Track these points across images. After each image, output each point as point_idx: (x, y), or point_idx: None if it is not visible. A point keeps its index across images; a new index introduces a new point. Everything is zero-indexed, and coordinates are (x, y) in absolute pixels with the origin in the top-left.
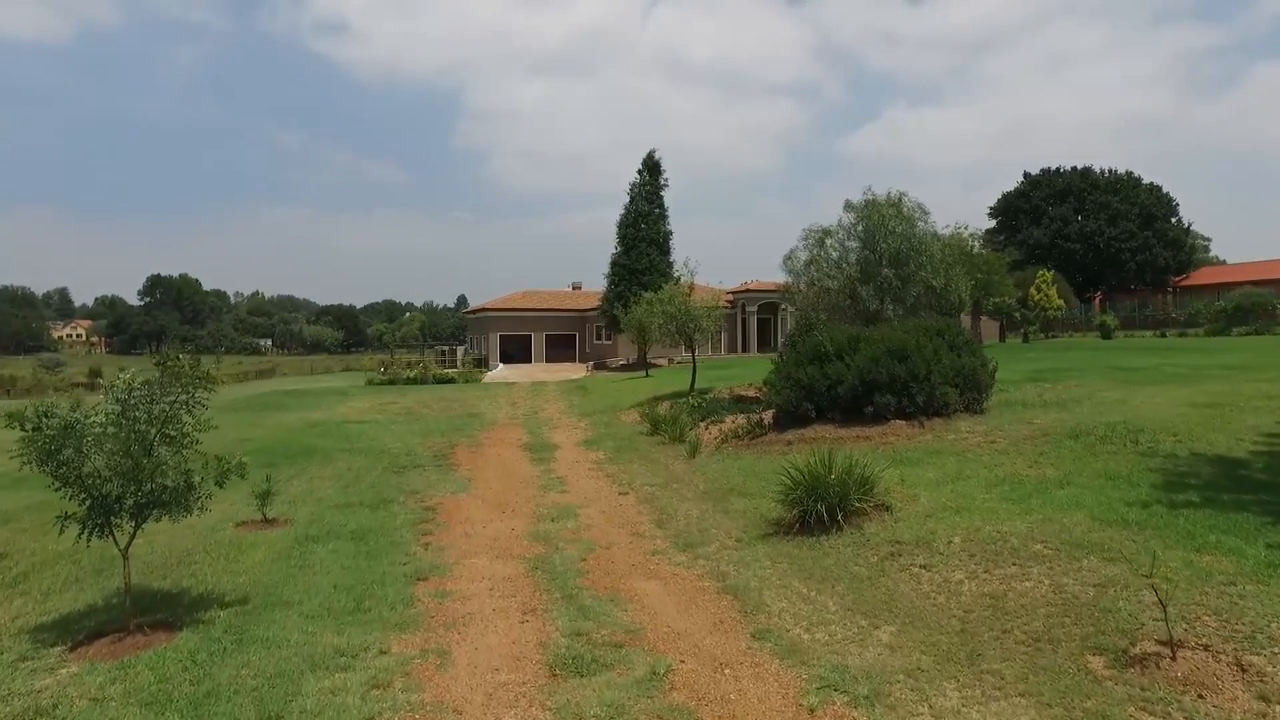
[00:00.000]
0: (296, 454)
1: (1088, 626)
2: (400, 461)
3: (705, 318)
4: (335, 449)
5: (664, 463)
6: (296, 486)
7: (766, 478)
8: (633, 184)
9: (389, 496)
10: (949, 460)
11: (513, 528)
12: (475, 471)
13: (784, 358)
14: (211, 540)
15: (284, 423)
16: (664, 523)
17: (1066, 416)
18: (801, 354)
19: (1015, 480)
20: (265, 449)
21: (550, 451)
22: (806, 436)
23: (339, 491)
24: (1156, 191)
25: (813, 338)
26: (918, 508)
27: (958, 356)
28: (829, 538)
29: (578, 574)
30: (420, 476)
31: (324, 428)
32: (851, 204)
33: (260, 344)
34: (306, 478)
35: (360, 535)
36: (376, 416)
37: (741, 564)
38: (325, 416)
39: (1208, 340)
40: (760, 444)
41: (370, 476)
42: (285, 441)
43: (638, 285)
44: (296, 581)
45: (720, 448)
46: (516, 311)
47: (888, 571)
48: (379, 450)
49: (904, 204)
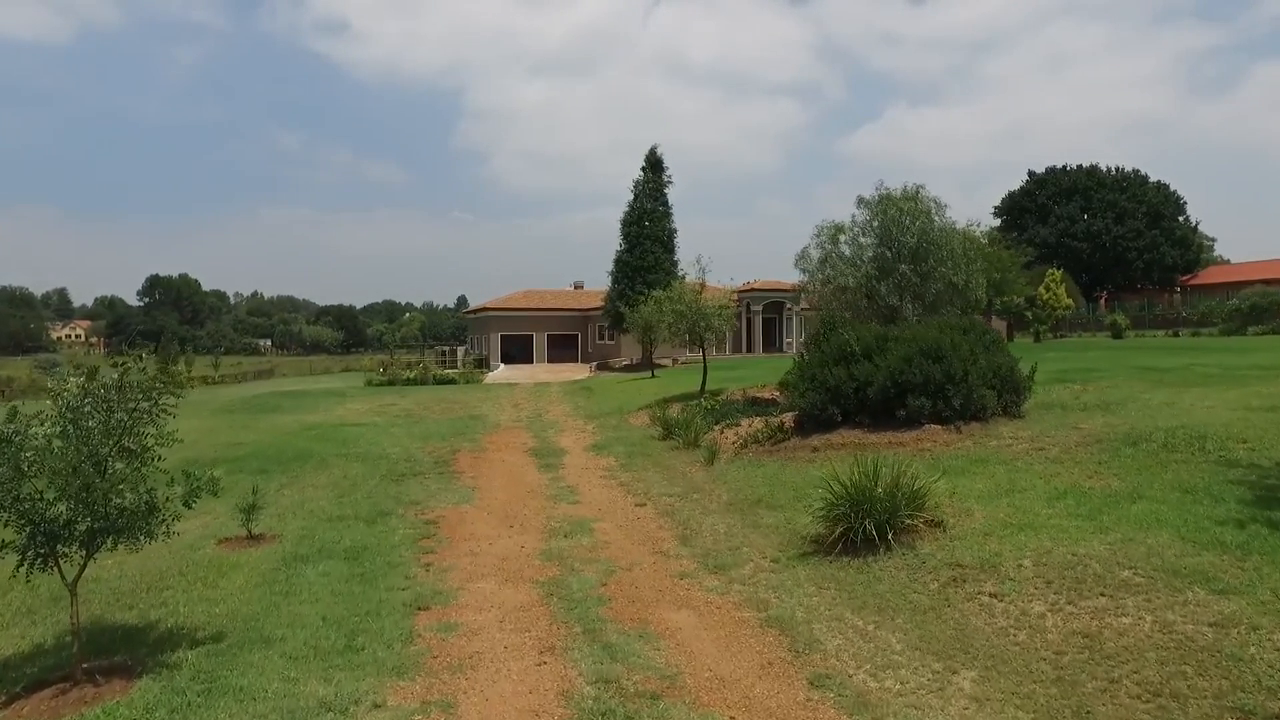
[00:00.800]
0: (290, 459)
1: (1218, 679)
2: (399, 468)
3: (717, 317)
4: (331, 454)
5: (680, 470)
6: (288, 496)
7: (796, 488)
8: (636, 181)
9: (387, 508)
10: (998, 470)
11: (522, 545)
12: (479, 479)
13: (806, 358)
14: (189, 561)
15: (279, 425)
16: (689, 539)
17: (1115, 421)
18: (826, 354)
19: (1078, 493)
20: (258, 454)
21: (558, 457)
22: (833, 442)
23: (333, 502)
24: (1164, 190)
25: (838, 337)
26: (973, 524)
27: (991, 357)
28: (878, 559)
29: (599, 601)
30: (420, 485)
31: (320, 431)
32: (865, 199)
33: (260, 344)
34: (299, 486)
35: (354, 554)
36: (375, 419)
37: (783, 589)
38: (322, 419)
39: (1227, 340)
40: (783, 450)
41: (367, 485)
42: (279, 446)
43: (642, 284)
44: (280, 612)
45: (739, 454)
46: (518, 311)
47: (953, 601)
48: (377, 455)
49: (921, 197)
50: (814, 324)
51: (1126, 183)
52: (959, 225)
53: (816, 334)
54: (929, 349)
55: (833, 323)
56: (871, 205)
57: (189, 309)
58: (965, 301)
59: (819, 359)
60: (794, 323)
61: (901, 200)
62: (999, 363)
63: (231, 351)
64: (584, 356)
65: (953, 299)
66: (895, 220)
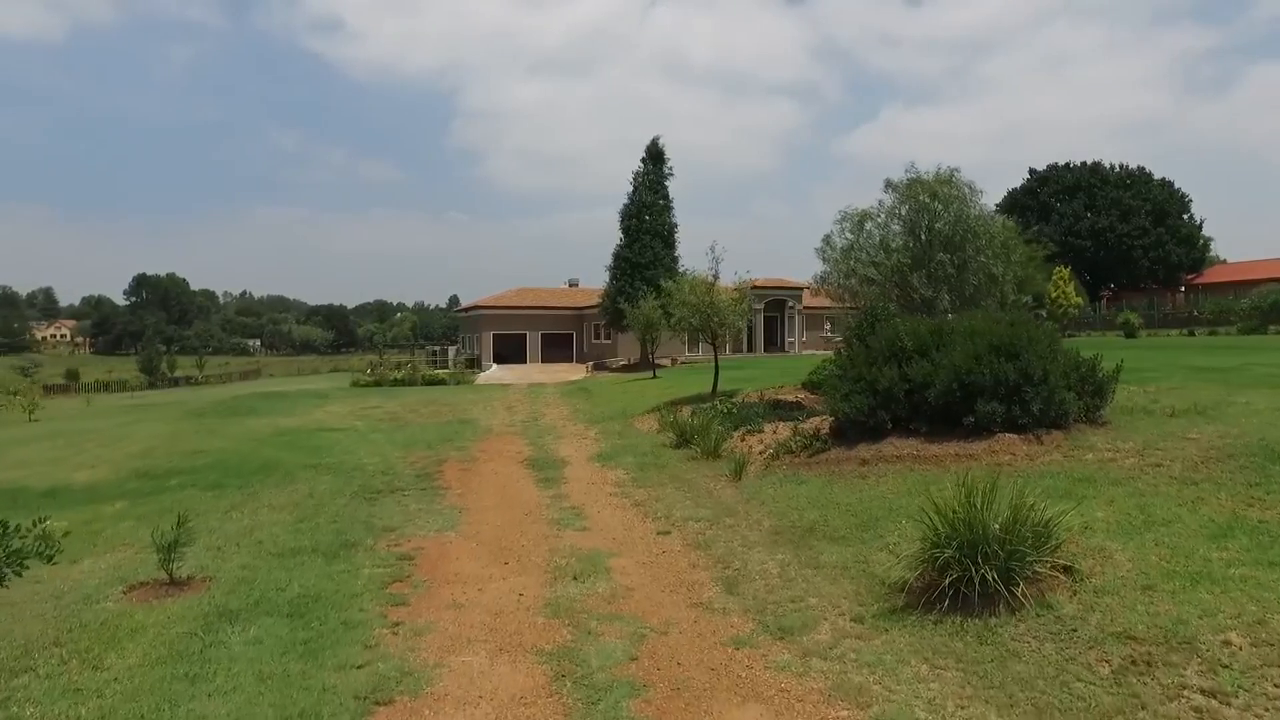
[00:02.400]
0: (252, 471)
1: None
2: (375, 483)
3: (732, 312)
4: (300, 465)
5: (704, 486)
6: (236, 521)
7: (855, 511)
8: (635, 173)
9: (354, 537)
10: (1115, 493)
11: (521, 592)
12: (467, 497)
13: (847, 355)
14: (77, 621)
15: (249, 431)
16: (734, 584)
17: (1229, 429)
18: (875, 351)
19: (1247, 528)
20: (219, 463)
21: (558, 469)
22: (885, 454)
23: (289, 529)
24: (1168, 187)
25: (888, 330)
26: (1120, 572)
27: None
28: (1002, 620)
29: (629, 689)
30: (397, 505)
31: (293, 437)
32: (893, 182)
33: (249, 345)
34: (253, 507)
35: (302, 608)
36: (355, 423)
37: (882, 668)
38: (297, 423)
39: (1251, 339)
40: (824, 462)
41: (334, 505)
42: (244, 454)
43: (641, 280)
44: (174, 715)
45: (771, 466)
46: (511, 309)
47: (1147, 702)
48: (352, 467)
49: (955, 181)
50: (842, 321)
51: (1131, 180)
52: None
53: (858, 327)
54: (1001, 344)
55: (877, 315)
56: (901, 189)
57: (177, 309)
58: (1002, 294)
59: (864, 356)
60: (797, 321)
61: (936, 183)
62: (1078, 360)
63: (220, 352)
64: (579, 356)
65: (990, 291)
66: (927, 206)
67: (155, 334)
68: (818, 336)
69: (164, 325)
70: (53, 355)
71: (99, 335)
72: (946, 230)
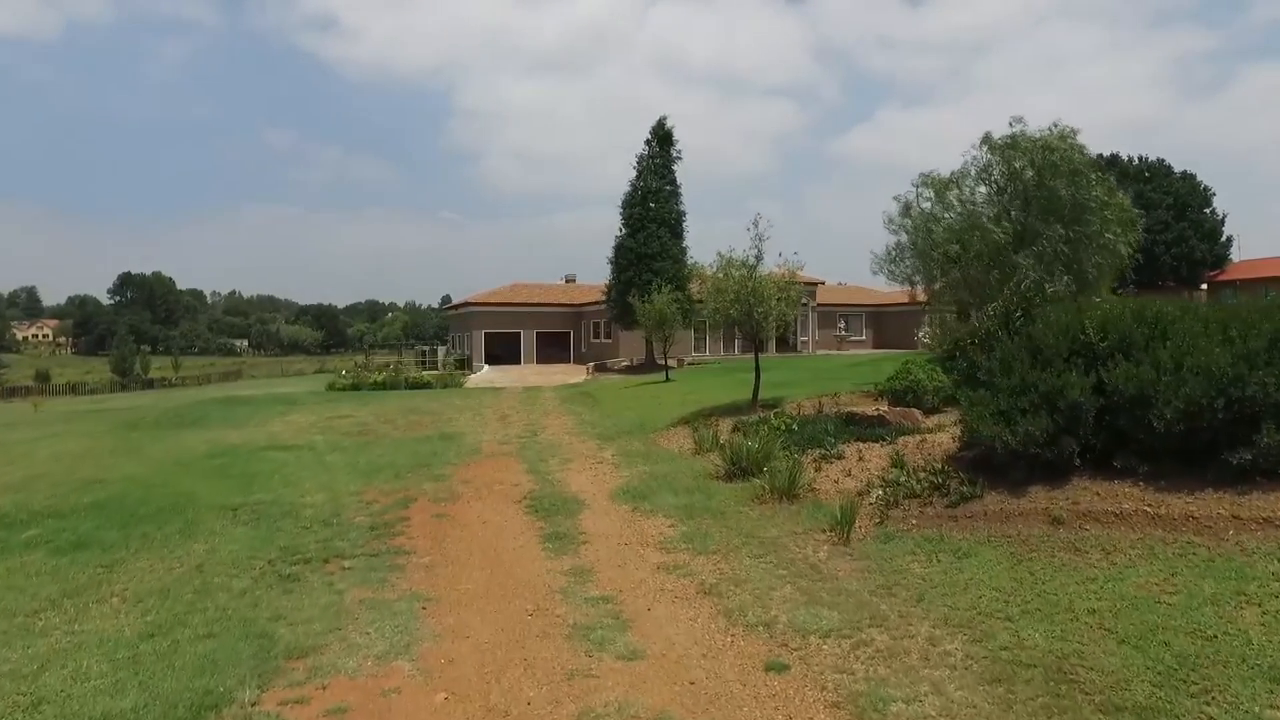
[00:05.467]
0: (147, 517)
1: None
2: (307, 542)
3: (780, 300)
4: (217, 505)
5: (798, 554)
6: (43, 638)
7: (1123, 631)
8: (640, 156)
9: (225, 679)
10: None
11: None
12: (439, 573)
13: (999, 356)
14: None
15: (179, 450)
16: None
17: None
18: (1048, 348)
19: None
20: (111, 501)
21: (572, 515)
22: (1089, 508)
23: (122, 662)
24: (1190, 180)
25: (1057, 317)
26: None
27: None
28: None
29: None
30: (327, 592)
31: (229, 459)
32: (992, 140)
33: (235, 345)
34: (95, 598)
35: None
36: (315, 438)
37: None
38: (245, 438)
39: None
40: (979, 517)
41: (226, 593)
42: (151, 487)
43: (649, 272)
44: None
45: (888, 518)
46: (504, 307)
47: None
48: (285, 509)
49: (1072, 143)
50: (936, 315)
51: (1150, 172)
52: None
53: (1004, 314)
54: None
55: (1029, 296)
56: (1000, 148)
57: (163, 308)
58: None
59: (1027, 355)
60: (810, 319)
61: (1054, 140)
62: None
63: (206, 352)
64: (577, 356)
65: (1107, 274)
66: (1046, 165)
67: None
68: (830, 335)
69: (148, 325)
70: (32, 355)
71: (81, 335)
72: (1064, 200)
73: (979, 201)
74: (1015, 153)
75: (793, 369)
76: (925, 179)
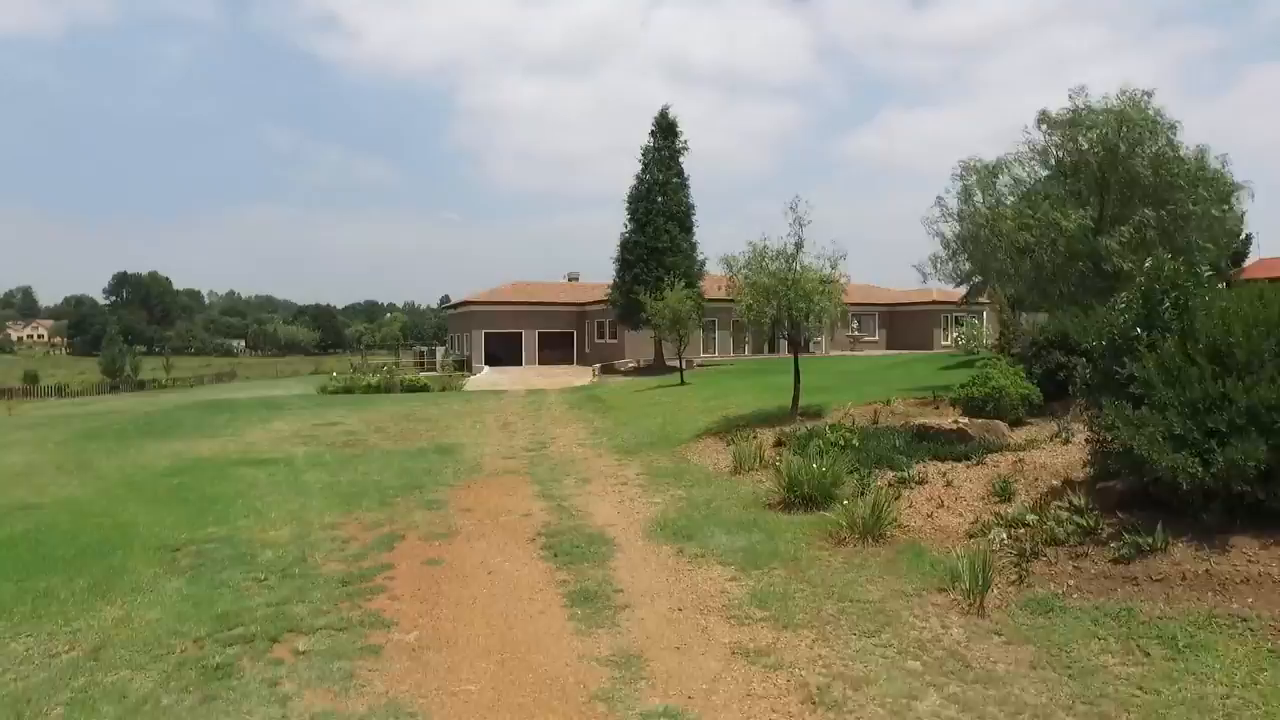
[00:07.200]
0: (60, 562)
1: None
2: (254, 605)
3: (824, 295)
4: (155, 544)
5: (920, 626)
6: None
7: None
8: (645, 148)
9: None
10: None
11: None
12: (426, 664)
13: (1155, 362)
14: None
15: (138, 464)
16: None
17: None
18: (1239, 349)
19: None
20: (27, 537)
21: (600, 561)
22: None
23: None
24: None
25: (1248, 306)
26: None
27: None
28: None
29: None
30: (263, 698)
31: (190, 477)
32: (1051, 116)
33: (232, 345)
34: None
35: None
36: (296, 449)
37: None
38: (216, 450)
39: None
40: (1183, 583)
41: (111, 706)
42: (85, 515)
43: (660, 268)
44: None
45: (1028, 572)
46: (505, 305)
47: None
48: (236, 552)
49: (1148, 114)
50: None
51: None
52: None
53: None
54: None
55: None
56: (1062, 124)
57: (159, 308)
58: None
59: (1207, 362)
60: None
61: (1131, 110)
62: None
63: (203, 352)
64: (580, 357)
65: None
66: (1129, 136)
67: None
68: (843, 336)
69: (143, 325)
70: (25, 356)
71: (76, 335)
72: (1147, 176)
73: (1037, 188)
74: (1079, 130)
75: (819, 372)
76: (964, 166)
